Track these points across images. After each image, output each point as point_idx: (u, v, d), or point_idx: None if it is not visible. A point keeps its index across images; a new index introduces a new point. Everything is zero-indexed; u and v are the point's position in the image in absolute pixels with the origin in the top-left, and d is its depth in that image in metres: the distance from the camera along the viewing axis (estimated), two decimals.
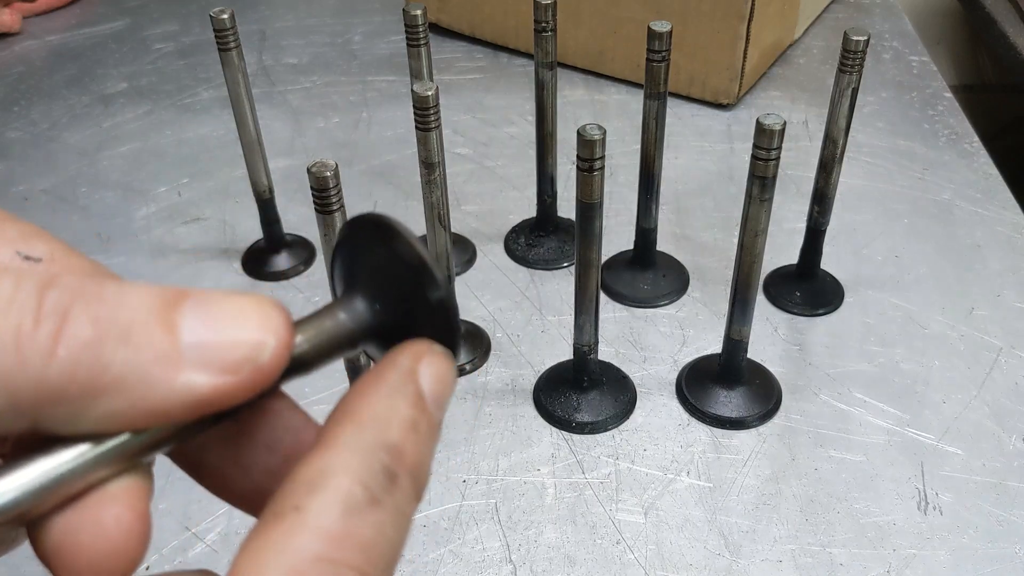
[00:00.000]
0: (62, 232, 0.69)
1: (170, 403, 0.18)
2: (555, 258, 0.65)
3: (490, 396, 0.56)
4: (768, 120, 0.44)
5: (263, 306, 0.19)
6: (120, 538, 0.18)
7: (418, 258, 0.20)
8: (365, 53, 0.92)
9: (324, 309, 0.21)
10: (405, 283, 0.21)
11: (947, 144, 0.77)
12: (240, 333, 0.18)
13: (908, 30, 0.94)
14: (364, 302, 0.21)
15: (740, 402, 0.54)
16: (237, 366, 0.18)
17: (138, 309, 0.18)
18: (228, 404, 0.18)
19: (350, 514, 0.18)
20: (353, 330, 0.21)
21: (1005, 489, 0.50)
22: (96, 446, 0.18)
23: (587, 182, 0.45)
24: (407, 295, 0.21)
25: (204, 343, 0.18)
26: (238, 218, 0.70)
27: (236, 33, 0.56)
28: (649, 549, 0.48)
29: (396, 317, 0.21)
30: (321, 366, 0.21)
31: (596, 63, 0.85)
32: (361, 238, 0.21)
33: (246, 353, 0.18)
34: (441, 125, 0.49)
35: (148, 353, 0.18)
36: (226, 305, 0.19)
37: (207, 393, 0.18)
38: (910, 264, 0.65)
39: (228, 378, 0.18)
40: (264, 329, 0.19)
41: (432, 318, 0.21)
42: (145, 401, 0.18)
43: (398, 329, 0.21)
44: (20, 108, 0.85)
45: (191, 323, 0.18)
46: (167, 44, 0.95)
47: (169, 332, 0.18)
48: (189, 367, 0.18)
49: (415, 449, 0.19)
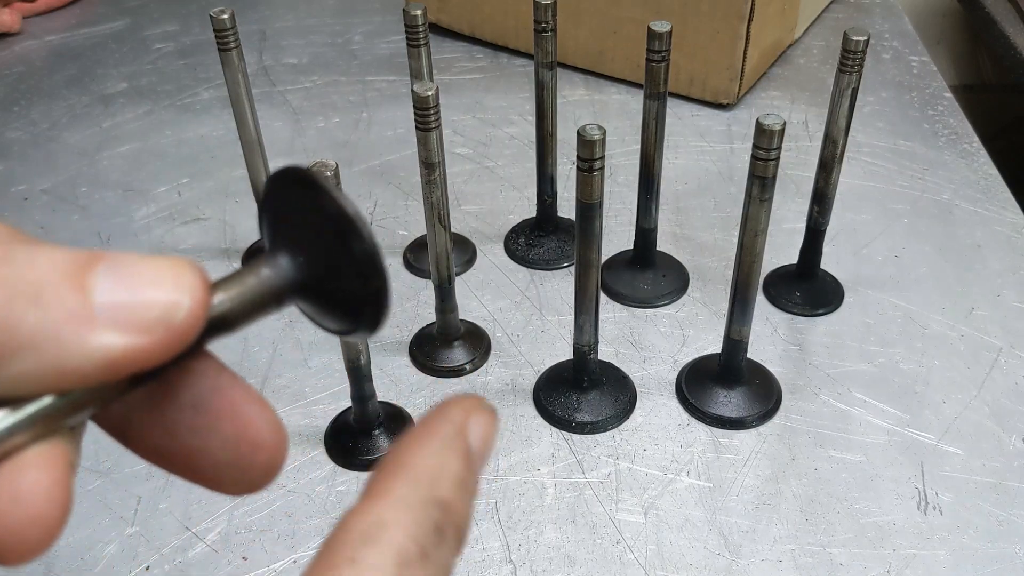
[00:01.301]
0: (62, 232, 0.69)
1: (84, 364, 0.18)
2: (555, 258, 0.65)
3: (490, 396, 0.56)
4: (768, 120, 0.44)
5: (178, 266, 0.19)
6: (38, 506, 0.18)
7: (339, 209, 0.20)
8: (365, 53, 0.92)
9: (247, 267, 0.21)
10: (328, 236, 0.20)
11: (947, 144, 0.77)
12: (154, 293, 0.18)
13: (908, 30, 0.94)
14: (288, 257, 0.21)
15: (740, 402, 0.54)
16: (151, 326, 0.18)
17: (49, 270, 0.18)
18: (145, 365, 0.18)
19: (402, 568, 0.18)
20: (278, 285, 0.21)
21: (1005, 489, 0.50)
22: (11, 412, 0.18)
23: (587, 182, 0.45)
24: (331, 248, 0.20)
25: (117, 303, 0.18)
26: (238, 218, 0.70)
27: (236, 33, 0.56)
28: (649, 549, 0.48)
29: (322, 271, 0.21)
30: (246, 324, 0.21)
31: (596, 63, 0.85)
32: (284, 193, 0.21)
33: (160, 313, 0.18)
34: (441, 125, 0.49)
35: (59, 313, 0.17)
36: (140, 266, 0.18)
37: (121, 354, 0.18)
38: (910, 264, 0.65)
39: (142, 338, 0.18)
40: (178, 288, 0.18)
41: (358, 270, 0.20)
42: (58, 362, 0.17)
43: (325, 283, 0.21)
44: (20, 108, 0.85)
45: (104, 284, 0.18)
46: (167, 44, 0.95)
47: (80, 292, 0.18)
48: (102, 327, 0.18)
49: (462, 505, 0.20)
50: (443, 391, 0.56)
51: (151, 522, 0.49)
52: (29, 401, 0.18)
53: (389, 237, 0.68)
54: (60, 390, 0.18)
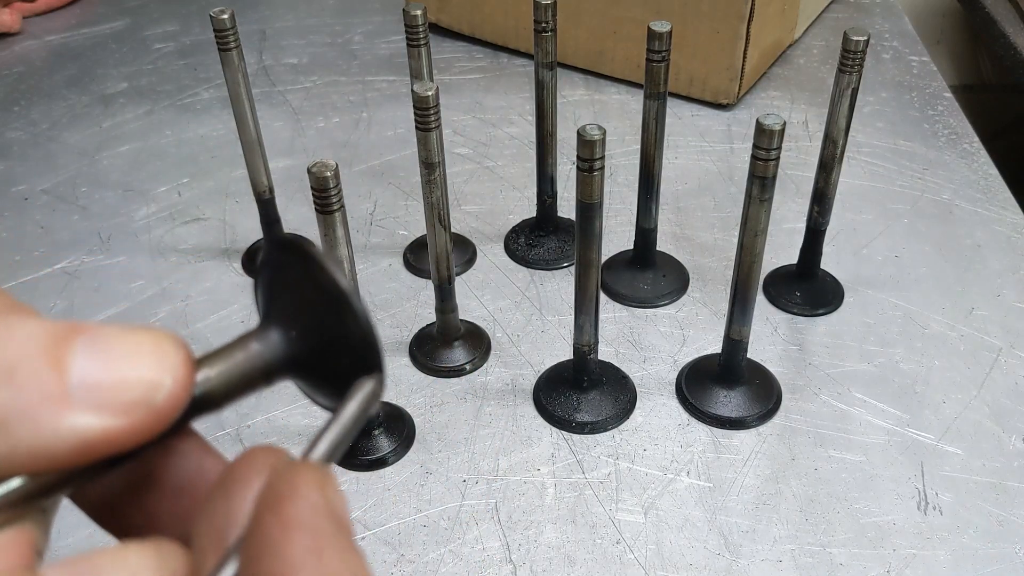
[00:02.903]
0: (62, 232, 0.69)
1: (57, 446, 0.17)
2: (555, 258, 0.65)
3: (490, 396, 0.56)
4: (768, 120, 0.44)
5: (160, 342, 0.18)
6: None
7: (335, 286, 0.19)
8: (365, 53, 0.92)
9: (237, 340, 0.20)
10: (323, 310, 0.19)
11: (947, 144, 0.77)
12: (133, 372, 0.17)
13: (908, 30, 0.94)
14: (279, 332, 0.20)
15: (740, 402, 0.54)
16: (129, 407, 0.17)
17: (25, 345, 0.17)
18: (122, 447, 0.17)
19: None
20: (268, 362, 0.20)
21: (1005, 489, 0.50)
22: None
23: (587, 182, 0.45)
24: (325, 323, 0.19)
25: (94, 382, 0.17)
26: (238, 218, 0.70)
27: (236, 33, 0.56)
28: (649, 549, 0.48)
29: (315, 347, 0.20)
30: (233, 401, 0.20)
31: (596, 63, 0.85)
32: (279, 263, 0.20)
33: (140, 394, 0.17)
34: (441, 125, 0.49)
35: (32, 392, 0.16)
36: (121, 341, 0.17)
37: (97, 436, 0.17)
38: (910, 264, 0.65)
39: (120, 420, 0.17)
40: (160, 367, 0.17)
41: (353, 348, 0.19)
42: (29, 443, 0.16)
43: (318, 359, 0.20)
44: (20, 108, 0.85)
45: (82, 361, 0.17)
46: (167, 44, 0.95)
47: (56, 370, 0.17)
48: (77, 408, 0.17)
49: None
50: (443, 391, 0.56)
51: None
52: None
53: (389, 237, 0.68)
54: (31, 472, 0.17)
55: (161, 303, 0.63)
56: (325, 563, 0.16)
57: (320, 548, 0.16)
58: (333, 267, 0.19)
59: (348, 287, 0.19)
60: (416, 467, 0.52)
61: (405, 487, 0.51)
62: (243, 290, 0.64)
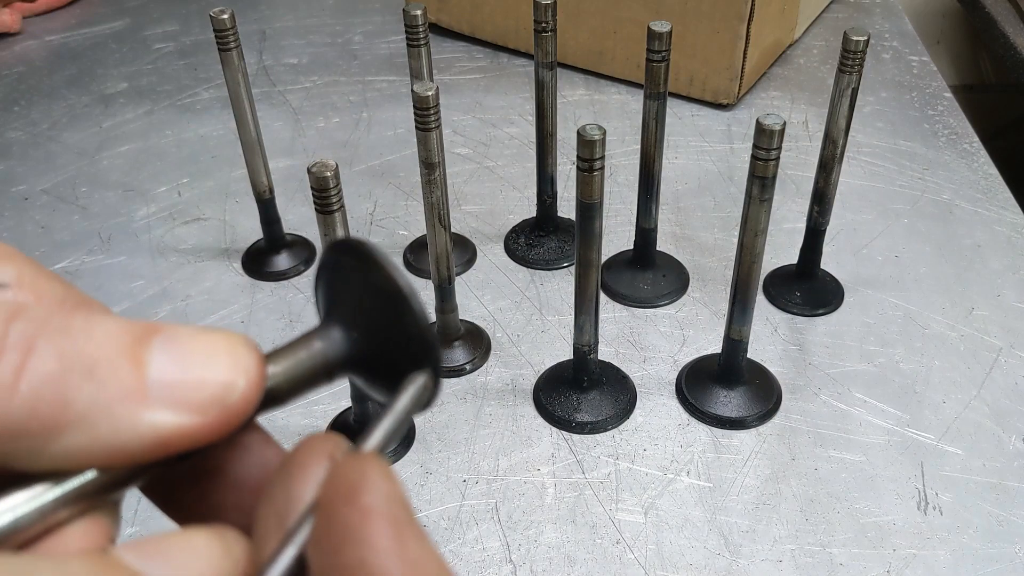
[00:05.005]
0: (62, 232, 0.69)
1: (134, 442, 0.17)
2: (555, 258, 0.65)
3: (490, 396, 0.56)
4: (768, 120, 0.44)
5: (235, 344, 0.18)
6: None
7: (396, 288, 0.20)
8: (365, 53, 0.92)
9: (300, 339, 0.21)
10: (384, 313, 0.20)
11: (947, 144, 0.77)
12: (209, 372, 0.18)
13: (908, 30, 0.94)
14: (342, 332, 0.21)
15: (740, 402, 0.54)
16: (205, 406, 0.18)
17: (105, 344, 0.17)
18: (195, 444, 0.18)
19: None
20: (329, 361, 0.20)
21: (1005, 489, 0.50)
22: (56, 485, 0.17)
23: (587, 182, 0.45)
24: (386, 325, 0.20)
25: (172, 381, 0.17)
26: (238, 218, 0.70)
27: (236, 33, 0.56)
28: (649, 549, 0.48)
29: (375, 347, 0.20)
30: (296, 397, 0.20)
31: (596, 63, 0.85)
32: (341, 264, 0.21)
33: (215, 393, 0.18)
34: (441, 125, 0.49)
35: (113, 390, 0.17)
36: (197, 342, 0.18)
37: (172, 433, 0.17)
38: (910, 264, 0.65)
39: (195, 418, 0.18)
40: (234, 368, 0.18)
41: (412, 349, 0.20)
42: (108, 439, 0.17)
43: (377, 358, 0.21)
44: (20, 108, 0.85)
45: (159, 360, 0.18)
46: (167, 44, 0.95)
47: (136, 368, 0.17)
48: (155, 405, 0.17)
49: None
50: (443, 391, 0.56)
51: (151, 523, 0.49)
52: (73, 475, 0.17)
53: (389, 237, 0.68)
54: (108, 465, 0.18)
55: (161, 303, 0.63)
56: (409, 550, 0.17)
57: (402, 536, 0.17)
58: (392, 268, 0.20)
59: (407, 287, 0.20)
60: (416, 467, 0.52)
61: (405, 487, 0.51)
62: (243, 290, 0.64)
